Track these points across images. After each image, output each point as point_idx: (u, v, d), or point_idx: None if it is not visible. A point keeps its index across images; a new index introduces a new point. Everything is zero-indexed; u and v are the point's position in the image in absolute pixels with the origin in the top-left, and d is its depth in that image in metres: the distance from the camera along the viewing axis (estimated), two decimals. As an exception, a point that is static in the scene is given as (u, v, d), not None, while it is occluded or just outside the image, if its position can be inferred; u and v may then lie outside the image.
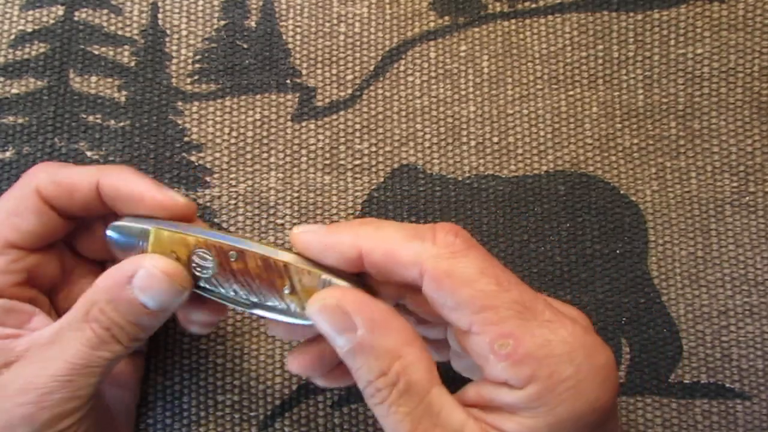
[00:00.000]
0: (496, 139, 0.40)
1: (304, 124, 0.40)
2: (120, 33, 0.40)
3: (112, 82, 0.40)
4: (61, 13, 0.40)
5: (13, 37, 0.39)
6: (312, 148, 0.40)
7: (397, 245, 0.27)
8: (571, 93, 0.40)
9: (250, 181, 0.39)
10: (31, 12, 0.40)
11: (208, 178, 0.39)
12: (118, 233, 0.30)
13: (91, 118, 0.39)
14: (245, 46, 0.40)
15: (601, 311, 0.38)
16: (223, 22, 0.40)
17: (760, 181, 0.39)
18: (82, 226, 0.33)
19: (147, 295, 0.28)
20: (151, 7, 0.40)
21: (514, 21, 0.41)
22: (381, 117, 0.40)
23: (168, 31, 0.40)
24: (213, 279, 0.29)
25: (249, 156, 0.39)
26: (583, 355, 0.25)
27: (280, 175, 0.39)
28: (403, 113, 0.40)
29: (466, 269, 0.26)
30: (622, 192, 0.39)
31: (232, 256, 0.28)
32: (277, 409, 0.37)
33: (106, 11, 0.40)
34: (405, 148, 0.40)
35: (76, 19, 0.40)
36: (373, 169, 0.39)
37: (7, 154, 0.39)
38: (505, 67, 0.40)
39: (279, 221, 0.39)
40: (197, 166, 0.39)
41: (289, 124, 0.40)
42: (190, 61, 0.40)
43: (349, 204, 0.39)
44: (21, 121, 0.39)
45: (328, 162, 0.39)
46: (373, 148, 0.40)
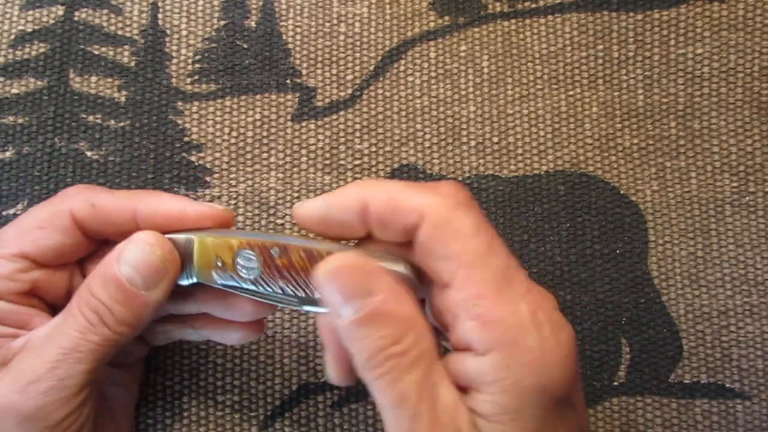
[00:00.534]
0: (496, 139, 0.40)
1: (304, 124, 0.40)
2: (120, 33, 0.40)
3: (112, 82, 0.40)
4: (61, 13, 0.40)
5: (13, 37, 0.39)
6: (312, 148, 0.40)
7: (399, 195, 0.27)
8: (571, 93, 0.40)
9: (250, 181, 0.39)
10: (31, 12, 0.40)
11: (208, 178, 0.39)
12: None
13: (91, 118, 0.39)
14: (245, 46, 0.40)
15: (601, 311, 0.38)
16: (223, 22, 0.40)
17: (760, 181, 0.39)
18: (95, 250, 0.33)
19: (130, 266, 0.28)
20: (151, 7, 0.40)
21: (514, 21, 0.41)
22: (381, 117, 0.40)
23: (168, 31, 0.40)
24: (260, 279, 0.29)
25: (249, 156, 0.39)
26: (550, 329, 0.26)
27: (280, 175, 0.39)
28: (403, 113, 0.40)
29: (463, 223, 0.26)
30: (622, 192, 0.39)
31: (275, 253, 0.29)
32: (277, 409, 0.37)
33: (106, 11, 0.40)
34: (405, 148, 0.40)
35: (76, 19, 0.40)
36: (373, 169, 0.39)
37: (7, 154, 0.39)
38: (505, 67, 0.40)
39: (279, 221, 0.39)
40: (197, 166, 0.39)
41: (289, 124, 0.40)
42: (190, 61, 0.40)
43: (349, 204, 0.39)
44: (21, 121, 0.39)
45: (328, 162, 0.39)
46: (373, 148, 0.40)
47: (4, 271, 0.30)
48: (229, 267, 0.29)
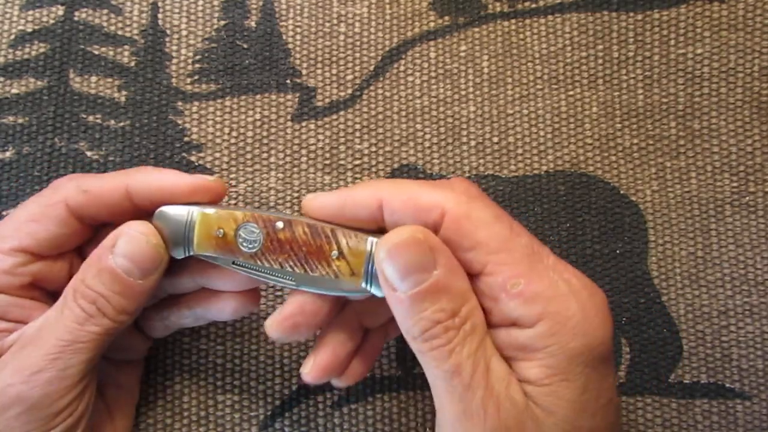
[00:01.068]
0: (496, 139, 0.40)
1: (304, 124, 0.40)
2: (120, 33, 0.40)
3: (112, 82, 0.40)
4: (61, 13, 0.40)
5: (13, 37, 0.39)
6: (312, 148, 0.40)
7: (417, 193, 0.28)
8: (571, 93, 0.40)
9: (250, 181, 0.39)
10: (31, 12, 0.40)
11: (208, 178, 0.39)
12: (163, 221, 0.30)
13: (91, 118, 0.39)
14: (245, 46, 0.40)
15: (601, 311, 0.38)
16: (223, 22, 0.40)
17: (760, 181, 0.39)
18: (93, 236, 0.33)
19: (126, 258, 0.29)
20: (151, 7, 0.40)
21: (514, 21, 0.41)
22: (381, 117, 0.40)
23: (168, 31, 0.40)
24: (260, 253, 0.29)
25: (249, 156, 0.39)
26: (586, 294, 0.27)
27: (280, 175, 0.39)
28: (403, 113, 0.40)
29: (482, 213, 0.28)
30: (622, 192, 0.39)
31: (278, 226, 0.29)
32: (277, 409, 0.37)
33: (106, 11, 0.40)
34: (405, 148, 0.40)
35: (76, 19, 0.40)
36: (373, 169, 0.39)
37: (7, 154, 0.39)
38: (505, 67, 0.40)
39: (279, 221, 0.39)
40: (197, 166, 0.39)
41: (289, 124, 0.40)
42: (190, 61, 0.40)
43: (349, 204, 0.39)
44: (21, 121, 0.39)
45: (328, 162, 0.39)
46: (373, 148, 0.40)
47: (4, 266, 0.30)
48: (230, 239, 0.29)
